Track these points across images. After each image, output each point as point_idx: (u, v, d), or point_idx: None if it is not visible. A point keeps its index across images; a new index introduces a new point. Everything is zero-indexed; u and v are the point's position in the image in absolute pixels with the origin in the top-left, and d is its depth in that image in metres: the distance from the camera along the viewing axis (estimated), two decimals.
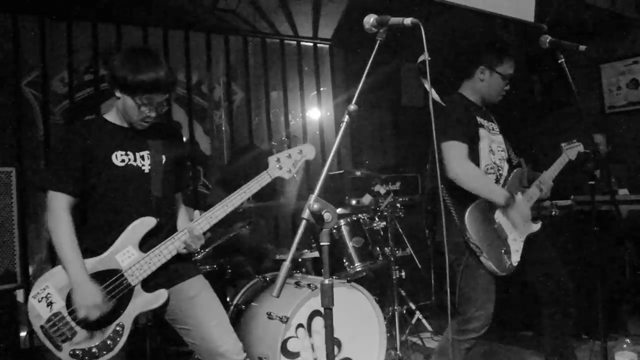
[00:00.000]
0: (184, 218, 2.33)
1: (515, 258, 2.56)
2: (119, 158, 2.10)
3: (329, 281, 1.45)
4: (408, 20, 1.65)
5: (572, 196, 4.18)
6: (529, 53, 5.49)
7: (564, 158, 2.87)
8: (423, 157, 2.86)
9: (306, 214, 1.43)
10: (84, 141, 2.06)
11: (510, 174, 2.72)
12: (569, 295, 2.64)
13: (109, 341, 2.03)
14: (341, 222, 3.28)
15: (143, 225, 2.09)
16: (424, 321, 4.13)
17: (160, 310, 2.14)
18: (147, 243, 2.10)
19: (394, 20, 1.67)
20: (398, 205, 3.79)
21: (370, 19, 1.69)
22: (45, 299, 2.01)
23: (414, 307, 4.14)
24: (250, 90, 5.02)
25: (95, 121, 2.30)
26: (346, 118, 1.56)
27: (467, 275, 2.52)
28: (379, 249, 3.40)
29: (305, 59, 5.31)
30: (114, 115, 2.17)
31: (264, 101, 5.07)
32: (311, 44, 5.35)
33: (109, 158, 2.08)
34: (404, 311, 3.93)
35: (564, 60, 2.37)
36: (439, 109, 2.62)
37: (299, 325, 2.77)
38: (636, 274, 3.99)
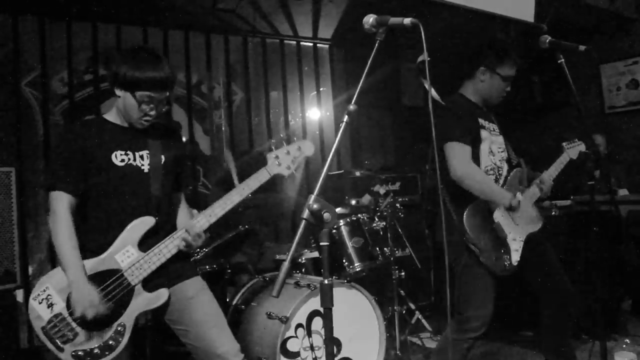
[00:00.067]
0: (184, 217, 2.32)
1: (515, 258, 2.56)
2: (119, 158, 2.10)
3: (328, 281, 1.45)
4: (407, 21, 1.64)
5: (572, 196, 4.19)
6: (528, 53, 5.49)
7: (564, 157, 2.86)
8: (423, 157, 2.86)
9: (306, 214, 1.43)
10: (84, 141, 2.06)
11: (510, 174, 2.72)
12: (568, 296, 2.63)
13: (111, 341, 2.03)
14: (341, 222, 3.28)
15: (142, 224, 2.09)
16: (424, 321, 4.12)
17: (161, 310, 2.14)
18: (147, 242, 2.09)
19: (394, 21, 1.67)
20: (398, 205, 3.79)
21: (369, 19, 1.69)
22: (46, 300, 2.00)
23: (413, 307, 4.14)
24: (250, 90, 5.02)
25: (94, 121, 2.31)
26: (346, 118, 1.56)
27: (467, 275, 2.52)
28: (378, 249, 3.40)
29: (305, 59, 5.31)
30: (114, 115, 2.17)
31: (264, 101, 5.07)
32: (311, 44, 5.35)
33: (109, 158, 2.08)
34: (404, 311, 3.93)
35: (563, 60, 2.37)
36: (440, 110, 2.62)
37: (299, 325, 2.77)
38: (636, 274, 3.99)
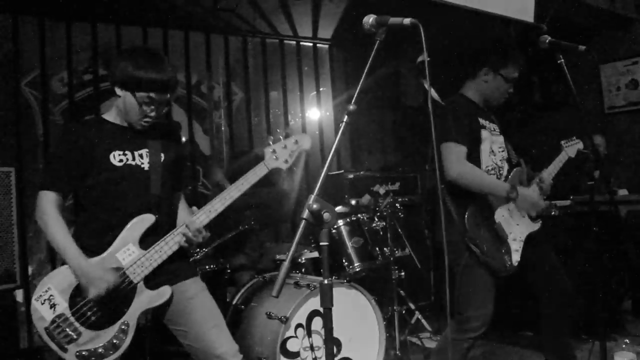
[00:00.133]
0: (184, 216, 2.31)
1: (516, 258, 2.56)
2: (117, 158, 2.09)
3: (328, 281, 1.45)
4: (407, 21, 1.64)
5: (572, 196, 4.19)
6: (528, 53, 5.49)
7: (563, 156, 2.86)
8: (423, 157, 2.86)
9: (306, 214, 1.43)
10: (82, 141, 2.06)
11: (510, 173, 2.72)
12: (568, 296, 2.63)
13: (115, 340, 2.03)
14: (340, 222, 3.28)
15: (142, 222, 2.08)
16: (423, 321, 4.12)
17: (161, 310, 2.14)
18: (147, 240, 2.09)
19: (394, 21, 1.67)
20: (397, 205, 3.79)
21: (369, 19, 1.69)
22: (48, 300, 2.00)
23: (413, 307, 4.14)
24: (250, 90, 5.02)
25: (93, 121, 2.31)
26: (346, 118, 1.56)
27: (467, 275, 2.52)
28: (378, 249, 3.39)
29: (305, 59, 5.30)
30: (114, 115, 2.17)
31: (264, 101, 5.07)
32: (311, 44, 5.35)
33: (107, 158, 2.08)
34: (404, 311, 3.93)
35: (563, 60, 2.37)
36: (440, 109, 2.62)
37: (299, 325, 2.77)
38: (636, 274, 3.99)
